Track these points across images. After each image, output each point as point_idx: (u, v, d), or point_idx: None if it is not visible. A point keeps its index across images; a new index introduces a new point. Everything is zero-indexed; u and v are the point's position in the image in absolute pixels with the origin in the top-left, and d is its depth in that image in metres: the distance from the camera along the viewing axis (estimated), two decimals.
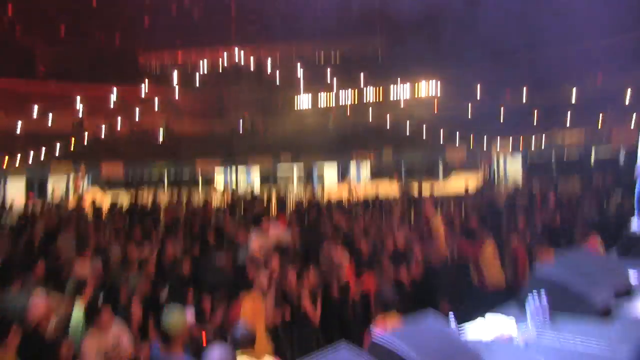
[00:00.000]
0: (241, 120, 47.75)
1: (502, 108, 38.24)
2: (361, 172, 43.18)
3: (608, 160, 29.36)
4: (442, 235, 8.00)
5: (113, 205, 17.95)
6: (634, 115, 28.94)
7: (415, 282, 7.60)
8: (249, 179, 43.07)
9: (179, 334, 4.40)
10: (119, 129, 44.87)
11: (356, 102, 47.55)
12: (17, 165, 34.63)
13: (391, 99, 46.41)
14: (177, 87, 46.93)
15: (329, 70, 45.97)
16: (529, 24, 31.14)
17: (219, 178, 44.20)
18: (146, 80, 44.88)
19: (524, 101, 37.74)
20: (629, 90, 30.80)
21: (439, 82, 44.21)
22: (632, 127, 28.68)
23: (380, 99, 46.81)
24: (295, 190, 31.42)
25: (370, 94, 47.28)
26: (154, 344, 4.80)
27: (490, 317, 3.51)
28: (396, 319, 4.64)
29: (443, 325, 3.17)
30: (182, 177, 43.44)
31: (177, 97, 47.76)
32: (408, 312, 5.82)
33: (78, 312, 5.72)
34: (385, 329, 4.34)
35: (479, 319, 3.52)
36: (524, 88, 37.97)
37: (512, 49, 34.03)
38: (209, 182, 43.68)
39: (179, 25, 45.24)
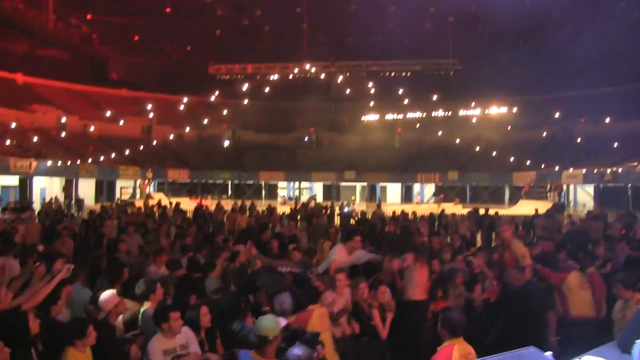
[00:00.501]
0: (307, 135, 47.92)
1: (577, 137, 37.14)
2: (424, 194, 42.68)
3: None
4: (526, 259, 7.56)
5: (179, 210, 18.15)
6: None
7: (489, 304, 7.26)
8: (311, 191, 43.21)
9: (274, 339, 4.37)
10: (186, 137, 45.79)
11: (424, 121, 46.95)
12: (88, 166, 35.64)
13: (461, 119, 45.68)
14: (245, 99, 47.49)
15: (398, 88, 45.56)
16: (614, 56, 30.32)
17: (283, 189, 44.56)
18: (216, 91, 45.54)
19: (601, 131, 36.44)
20: None
21: (514, 106, 43.42)
22: None
23: (450, 119, 46.08)
24: (359, 206, 31.19)
25: (440, 113, 46.71)
26: (242, 352, 4.70)
27: (588, 358, 3.11)
28: (463, 344, 4.35)
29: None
30: (246, 186, 43.91)
31: (244, 109, 48.35)
32: (477, 335, 5.53)
33: (146, 313, 5.64)
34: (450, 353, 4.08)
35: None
36: (603, 118, 36.83)
37: (594, 79, 33.07)
38: (272, 193, 44.00)
39: (250, 38, 45.88)
